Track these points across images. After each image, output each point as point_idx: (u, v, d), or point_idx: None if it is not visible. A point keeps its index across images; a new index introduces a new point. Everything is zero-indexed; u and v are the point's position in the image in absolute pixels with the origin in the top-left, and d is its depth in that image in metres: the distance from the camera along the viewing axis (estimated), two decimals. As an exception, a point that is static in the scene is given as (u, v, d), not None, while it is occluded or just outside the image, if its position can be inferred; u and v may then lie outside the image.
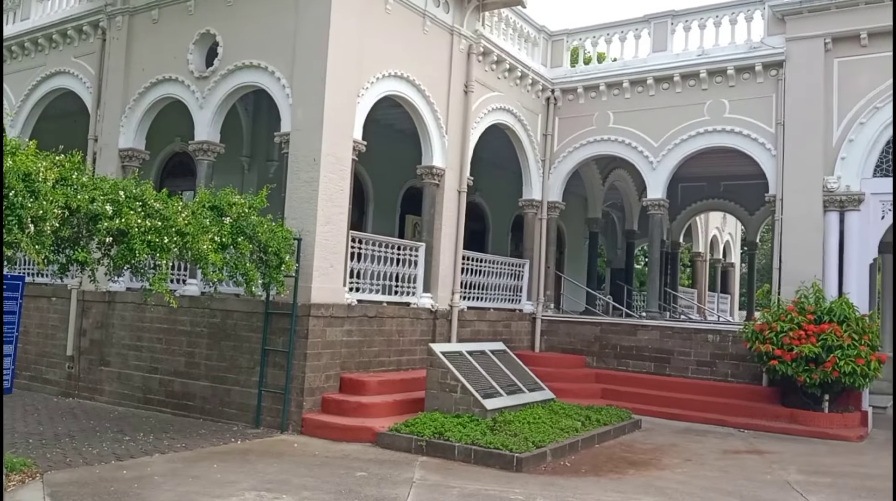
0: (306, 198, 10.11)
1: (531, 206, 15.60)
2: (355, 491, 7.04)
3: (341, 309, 10.40)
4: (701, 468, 8.94)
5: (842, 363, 11.12)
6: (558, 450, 8.91)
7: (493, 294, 14.58)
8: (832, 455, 10.02)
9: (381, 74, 11.30)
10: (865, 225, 12.43)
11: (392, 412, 9.98)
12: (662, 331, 14.31)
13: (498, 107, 14.15)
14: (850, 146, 12.51)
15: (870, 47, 12.52)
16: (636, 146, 14.81)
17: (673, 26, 14.68)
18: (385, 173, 15.99)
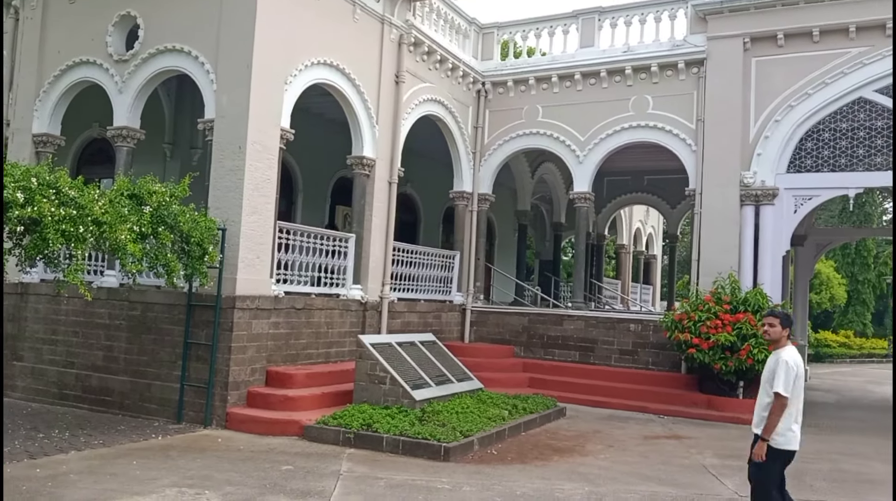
0: (231, 187, 9.88)
1: (462, 198, 15.69)
2: (280, 485, 6.95)
3: (268, 301, 10.22)
4: (623, 453, 9.22)
5: (755, 351, 11.63)
6: (486, 439, 9.03)
7: (424, 286, 14.61)
8: (746, 439, 10.29)
9: (310, 62, 11.12)
10: (779, 219, 13.02)
11: (320, 404, 9.89)
12: (587, 321, 14.66)
13: (429, 98, 14.15)
14: (765, 143, 13.06)
15: (786, 47, 13.09)
16: (564, 140, 15.07)
17: (600, 22, 14.98)
18: (315, 163, 15.77)
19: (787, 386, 5.34)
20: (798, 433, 5.50)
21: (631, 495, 7.19)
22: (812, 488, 7.79)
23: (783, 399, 5.34)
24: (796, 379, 5.40)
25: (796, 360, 5.45)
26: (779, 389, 5.34)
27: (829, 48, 12.76)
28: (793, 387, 5.38)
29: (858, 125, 12.70)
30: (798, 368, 5.43)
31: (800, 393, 5.47)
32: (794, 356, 5.47)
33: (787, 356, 5.45)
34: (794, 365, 5.41)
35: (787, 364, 5.38)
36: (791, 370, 5.37)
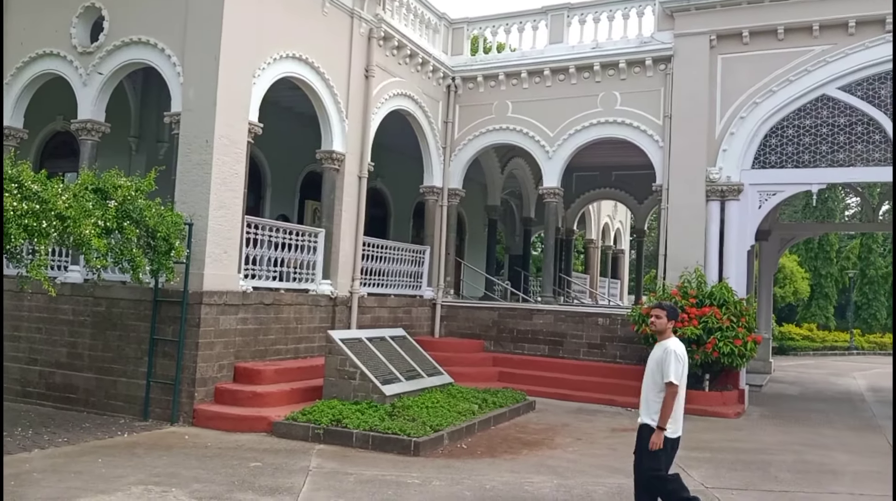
0: (198, 181, 9.75)
1: (432, 192, 15.68)
2: (249, 482, 6.90)
3: (235, 296, 10.12)
4: (591, 446, 9.32)
5: (721, 344, 11.85)
6: (455, 433, 9.06)
7: (394, 281, 14.59)
8: (711, 432, 10.66)
9: (279, 55, 11.02)
10: (744, 214, 13.24)
11: (289, 400, 9.84)
12: (556, 315, 14.78)
13: (399, 93, 14.11)
14: (731, 139, 13.26)
15: (751, 45, 13.29)
16: (533, 136, 15.14)
17: (569, 19, 15.06)
18: (284, 157, 15.64)
19: (678, 375, 5.54)
20: (681, 420, 5.73)
21: (599, 487, 7.28)
22: (777, 479, 7.95)
23: (675, 387, 5.53)
24: (683, 369, 5.62)
25: (682, 350, 5.69)
26: (671, 378, 5.52)
27: (793, 46, 12.99)
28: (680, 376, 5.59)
29: (821, 122, 12.95)
30: (683, 357, 5.66)
31: (683, 382, 5.68)
32: (680, 347, 5.70)
33: (673, 346, 5.65)
34: (682, 355, 5.64)
35: (675, 354, 5.58)
36: (679, 360, 5.59)
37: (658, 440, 5.53)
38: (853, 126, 12.76)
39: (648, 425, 5.64)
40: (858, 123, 12.73)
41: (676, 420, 5.63)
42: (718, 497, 7.10)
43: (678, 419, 5.65)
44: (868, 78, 12.61)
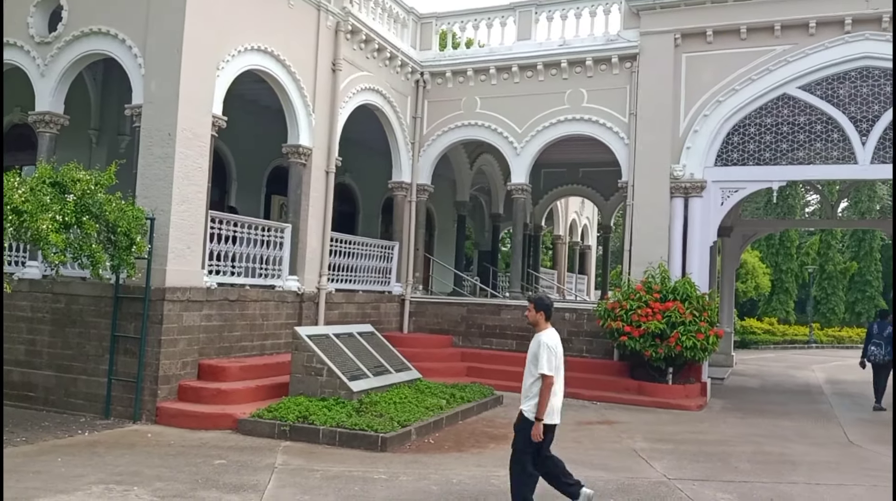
0: (160, 175, 9.59)
1: (401, 188, 15.65)
2: (213, 480, 6.83)
3: (199, 293, 9.98)
4: (557, 440, 9.31)
5: (684, 338, 12.04)
6: (423, 428, 9.06)
7: (363, 276, 14.53)
8: (675, 424, 10.83)
9: (244, 48, 10.88)
10: (707, 210, 13.45)
11: (255, 397, 9.75)
12: (524, 311, 14.81)
13: (367, 87, 14.03)
14: (695, 137, 13.45)
15: (714, 44, 13.49)
16: (501, 132, 15.19)
17: (537, 16, 15.13)
18: (249, 151, 15.46)
19: (551, 366, 5.74)
20: (558, 408, 5.96)
21: (564, 480, 7.33)
22: (737, 470, 8.11)
23: (549, 379, 5.73)
24: (556, 359, 5.81)
25: (555, 341, 5.88)
26: (543, 370, 5.73)
27: (755, 45, 13.21)
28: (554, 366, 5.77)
29: (782, 121, 13.21)
30: (556, 348, 5.85)
31: (559, 372, 5.87)
32: (553, 338, 5.89)
33: (545, 338, 5.84)
34: (553, 346, 5.83)
35: (547, 346, 5.78)
36: (551, 351, 5.78)
37: (538, 431, 5.76)
38: (813, 125, 13.03)
39: (525, 415, 5.87)
40: (818, 121, 13.00)
41: (553, 409, 5.87)
42: (680, 487, 7.21)
43: (555, 407, 5.89)
44: (827, 78, 12.89)
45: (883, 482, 7.74)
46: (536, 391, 5.80)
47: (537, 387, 5.80)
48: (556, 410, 5.93)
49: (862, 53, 12.59)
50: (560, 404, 5.98)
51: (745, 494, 7.08)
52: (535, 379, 5.83)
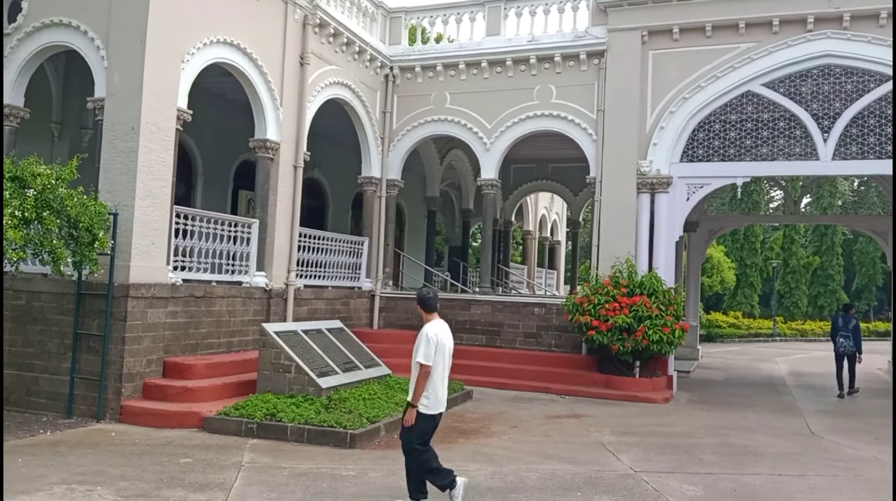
0: (124, 170, 9.42)
1: (370, 183, 15.58)
2: (178, 479, 6.74)
3: (164, 289, 9.83)
4: (526, 433, 9.46)
5: (650, 332, 12.18)
6: (393, 424, 9.03)
7: (332, 272, 14.45)
8: (641, 417, 10.97)
9: (210, 40, 10.72)
10: (673, 206, 13.61)
11: (221, 395, 9.63)
12: (494, 305, 14.92)
13: (336, 81, 13.93)
14: (661, 133, 13.60)
15: (681, 41, 13.64)
16: (471, 128, 15.20)
17: (506, 11, 15.15)
18: (216, 146, 15.26)
19: (428, 356, 5.87)
20: (442, 398, 6.10)
21: (532, 473, 7.39)
22: (702, 462, 8.24)
23: (426, 368, 5.86)
24: (437, 349, 5.93)
25: (437, 332, 6.00)
26: (419, 359, 5.90)
27: (720, 43, 13.39)
28: (434, 357, 5.89)
29: (746, 117, 13.41)
30: (438, 339, 5.98)
31: (442, 362, 6.01)
32: (435, 330, 6.02)
33: (427, 329, 6.00)
34: (434, 337, 5.96)
35: (426, 337, 5.94)
36: (431, 342, 5.91)
37: (410, 416, 5.91)
38: (776, 122, 13.26)
39: (408, 401, 6.01)
40: (781, 118, 13.23)
41: (435, 398, 6.00)
42: (646, 480, 7.31)
43: (438, 397, 6.04)
44: (790, 75, 13.12)
45: (843, 472, 7.93)
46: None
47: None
48: (441, 400, 6.08)
49: (824, 52, 12.83)
50: (444, 394, 6.12)
51: (710, 485, 7.20)
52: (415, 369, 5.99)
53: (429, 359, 5.87)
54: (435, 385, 5.97)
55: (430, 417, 5.99)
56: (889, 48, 12.35)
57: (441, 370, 6.01)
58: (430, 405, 5.97)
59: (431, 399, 5.97)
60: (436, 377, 5.94)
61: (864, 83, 12.74)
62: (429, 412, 5.96)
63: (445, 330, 6.14)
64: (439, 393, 6.03)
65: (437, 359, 5.93)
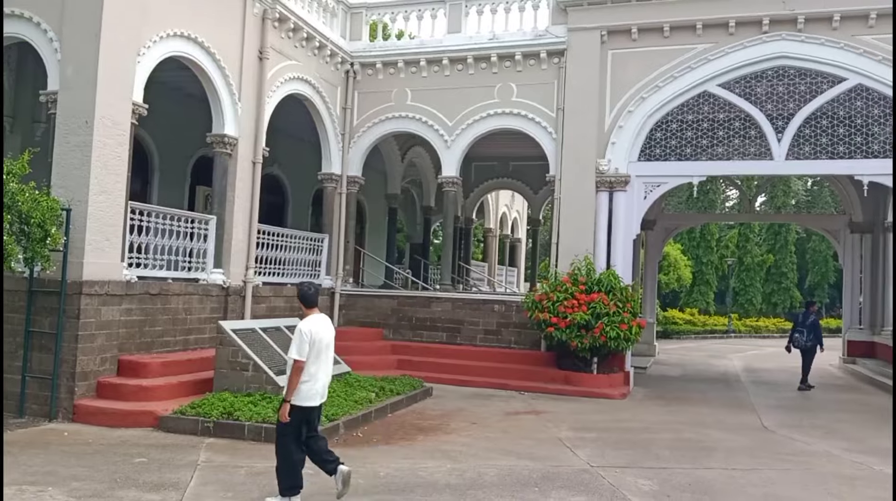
0: (77, 164, 9.20)
1: (331, 180, 15.48)
2: (133, 479, 6.63)
3: (119, 286, 9.64)
4: (485, 430, 9.52)
5: (608, 329, 12.36)
6: (351, 422, 9.03)
7: (291, 269, 14.32)
8: (599, 413, 11.12)
9: (166, 33, 10.53)
10: (631, 204, 13.81)
11: (178, 394, 9.49)
12: (454, 303, 14.97)
13: (295, 76, 13.80)
14: (619, 132, 13.78)
15: (639, 41, 13.84)
16: (432, 125, 15.20)
17: (467, 9, 15.18)
18: (173, 141, 14.99)
19: (301, 352, 5.92)
20: (318, 390, 6.10)
21: (490, 469, 7.44)
22: (657, 456, 8.39)
23: (298, 363, 5.90)
24: (312, 344, 5.97)
25: (311, 327, 6.02)
26: (292, 354, 5.94)
27: (678, 44, 13.62)
28: (309, 351, 5.95)
29: (703, 117, 13.67)
30: (313, 334, 5.99)
31: (319, 357, 6.04)
32: (311, 325, 6.04)
33: (302, 324, 6.03)
34: (308, 332, 5.98)
35: (300, 332, 5.97)
36: (304, 337, 5.94)
37: (284, 411, 5.92)
38: (731, 122, 13.54)
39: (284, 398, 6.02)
40: (736, 119, 13.52)
41: (312, 391, 6.01)
42: (603, 475, 7.42)
43: (316, 389, 6.05)
44: (746, 76, 13.40)
45: (794, 465, 8.15)
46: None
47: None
48: (319, 393, 6.09)
49: (778, 53, 13.14)
50: (323, 387, 6.13)
51: (665, 480, 7.34)
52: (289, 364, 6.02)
53: (302, 355, 5.90)
54: (313, 378, 6.00)
55: (307, 409, 6.01)
56: (841, 50, 12.71)
57: (319, 363, 6.05)
58: (305, 397, 5.98)
59: (305, 392, 5.98)
60: (312, 369, 5.98)
61: (817, 85, 13.09)
62: (304, 404, 5.98)
63: (323, 325, 6.18)
64: (317, 385, 6.05)
65: (313, 353, 5.97)
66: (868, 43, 12.63)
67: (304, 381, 5.94)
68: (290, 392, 5.92)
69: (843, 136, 12.94)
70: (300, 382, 5.91)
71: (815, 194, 42.98)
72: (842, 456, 8.65)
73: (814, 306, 16.32)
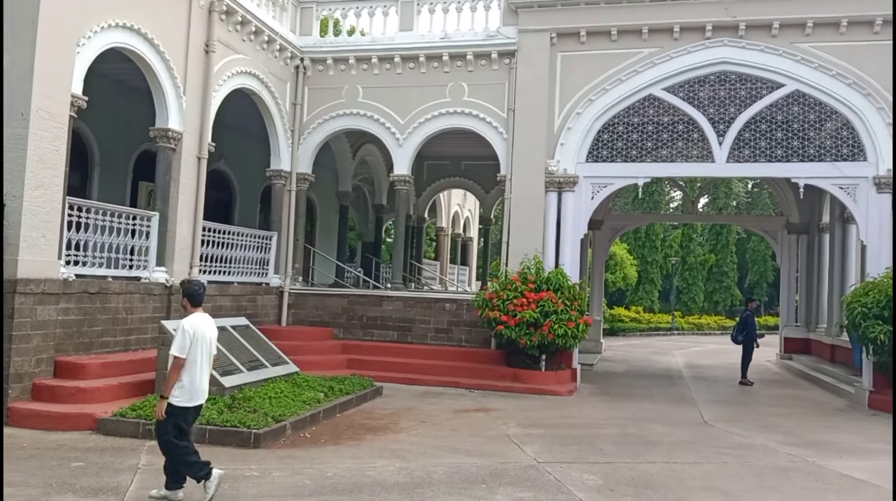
0: (12, 158, 8.84)
1: (280, 177, 15.27)
2: (69, 483, 6.42)
3: (56, 285, 9.31)
4: (434, 428, 9.53)
5: (556, 327, 12.51)
6: (299, 423, 8.92)
7: (238, 268, 14.08)
8: (546, 409, 11.25)
9: (108, 23, 10.23)
10: (578, 205, 14.00)
11: (118, 396, 9.22)
12: (406, 301, 14.93)
13: (243, 70, 13.57)
14: (568, 134, 13.95)
15: (588, 44, 14.03)
16: (384, 122, 15.13)
17: (419, 7, 15.16)
18: (115, 135, 14.55)
19: (182, 349, 5.91)
20: (201, 389, 6.10)
21: (439, 468, 7.45)
22: (602, 451, 8.53)
23: (179, 360, 5.92)
24: (194, 342, 5.97)
25: (194, 325, 6.02)
26: (174, 352, 5.92)
27: (625, 47, 13.86)
28: (189, 350, 5.95)
29: (648, 120, 13.95)
30: (195, 332, 6.00)
31: (201, 356, 6.08)
32: (193, 322, 6.04)
33: (185, 322, 6.03)
34: (191, 329, 5.98)
35: (183, 329, 5.96)
36: (186, 334, 5.94)
37: (160, 408, 5.91)
38: (675, 125, 13.85)
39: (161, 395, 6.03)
40: (680, 122, 13.83)
41: (192, 390, 5.99)
42: (549, 471, 7.50)
43: (196, 388, 6.02)
44: (689, 80, 13.72)
45: (733, 459, 8.38)
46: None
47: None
48: (200, 392, 6.07)
49: (721, 58, 13.49)
50: (203, 387, 6.10)
51: (609, 474, 7.46)
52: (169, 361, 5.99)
53: (183, 351, 5.87)
54: (193, 377, 5.96)
55: (186, 409, 5.98)
56: (780, 57, 13.13)
57: (200, 363, 6.02)
58: (186, 397, 5.95)
59: (187, 391, 5.95)
60: (193, 370, 5.95)
61: (757, 90, 13.49)
62: (184, 405, 5.95)
63: (206, 323, 6.17)
64: (196, 385, 6.01)
65: (195, 351, 5.94)
66: (805, 50, 13.08)
67: (181, 384, 5.90)
68: (167, 389, 5.88)
69: (781, 140, 13.37)
70: (178, 380, 5.88)
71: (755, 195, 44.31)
72: (778, 449, 8.94)
73: (752, 303, 16.87)
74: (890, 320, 11.42)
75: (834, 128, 13.29)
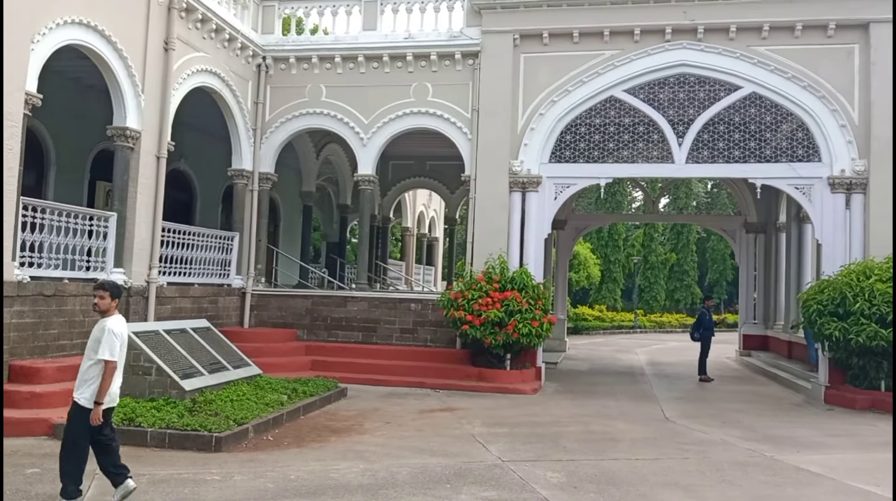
0: (-38, 157, 8.60)
1: (241, 176, 15.08)
2: (24, 491, 6.25)
3: (10, 287, 9.06)
4: (399, 428, 9.51)
5: (521, 326, 12.58)
6: (261, 426, 8.82)
7: (199, 269, 13.87)
8: (511, 408, 11.30)
9: (63, 20, 10.00)
10: (542, 205, 14.11)
11: (75, 399, 9.01)
12: (370, 302, 14.87)
13: (204, 69, 13.37)
14: (532, 134, 14.05)
15: (550, 46, 14.15)
16: (348, 122, 15.05)
17: (383, 7, 15.12)
18: (71, 133, 14.22)
19: (114, 352, 5.87)
20: (116, 392, 6.07)
21: (404, 468, 7.43)
22: (565, 449, 8.60)
23: (112, 364, 5.87)
24: (120, 346, 5.96)
25: (120, 328, 6.00)
26: (105, 355, 5.83)
27: (587, 49, 14.01)
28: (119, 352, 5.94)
29: (609, 121, 14.12)
30: (122, 335, 6.00)
31: (121, 359, 6.07)
32: (119, 325, 6.01)
33: (111, 324, 5.94)
34: (120, 333, 5.97)
35: (112, 332, 5.89)
36: (116, 337, 5.91)
37: (97, 414, 5.81)
38: (636, 126, 14.04)
39: (78, 403, 5.85)
40: (640, 123, 14.03)
41: (112, 393, 5.96)
42: (513, 469, 7.53)
43: (113, 391, 5.98)
44: (650, 82, 13.92)
45: (693, 454, 8.51)
46: (93, 376, 5.82)
47: (95, 371, 5.82)
48: (115, 394, 6.03)
49: (680, 61, 13.72)
50: (118, 388, 6.07)
51: (573, 472, 7.53)
52: (93, 364, 5.85)
53: (114, 355, 5.81)
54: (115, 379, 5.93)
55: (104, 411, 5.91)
56: (737, 60, 13.41)
57: (121, 366, 6.02)
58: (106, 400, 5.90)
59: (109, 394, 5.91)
60: (117, 374, 5.93)
61: (715, 92, 13.74)
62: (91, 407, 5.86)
63: (126, 326, 6.15)
64: (114, 388, 5.97)
65: (121, 354, 5.93)
66: (762, 54, 13.37)
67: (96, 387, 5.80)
68: (102, 394, 5.77)
69: (739, 141, 13.65)
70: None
71: (714, 196, 45.16)
72: (737, 444, 9.11)
73: (709, 301, 17.19)
74: (844, 317, 11.72)
75: (790, 129, 13.61)
